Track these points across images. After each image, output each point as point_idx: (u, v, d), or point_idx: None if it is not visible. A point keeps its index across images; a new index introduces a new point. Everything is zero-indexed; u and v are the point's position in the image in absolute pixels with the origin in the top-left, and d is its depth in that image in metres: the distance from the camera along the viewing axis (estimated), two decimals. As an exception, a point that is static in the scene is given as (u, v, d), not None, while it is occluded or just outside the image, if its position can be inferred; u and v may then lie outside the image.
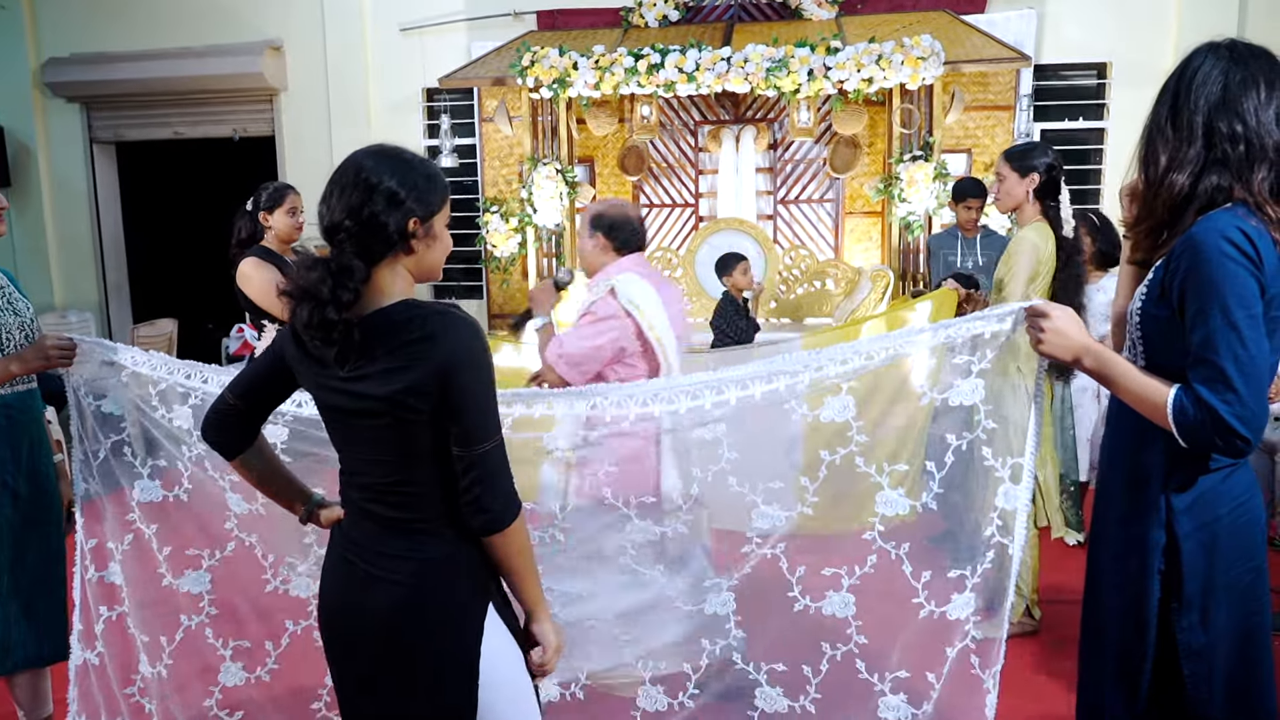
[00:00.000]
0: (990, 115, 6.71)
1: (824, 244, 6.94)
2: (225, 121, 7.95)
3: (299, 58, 7.57)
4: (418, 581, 1.49)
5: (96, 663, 2.38)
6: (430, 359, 1.40)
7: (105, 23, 7.81)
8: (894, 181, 5.97)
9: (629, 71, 5.91)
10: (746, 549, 2.10)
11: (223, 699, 2.34)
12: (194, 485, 2.28)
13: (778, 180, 6.95)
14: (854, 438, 1.95)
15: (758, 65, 5.79)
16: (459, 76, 6.56)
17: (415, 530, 1.50)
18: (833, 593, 2.05)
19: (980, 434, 1.91)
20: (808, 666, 2.10)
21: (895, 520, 1.98)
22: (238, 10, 7.59)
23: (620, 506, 2.14)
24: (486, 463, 1.44)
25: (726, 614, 2.15)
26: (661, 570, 2.18)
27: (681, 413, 1.98)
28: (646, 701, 2.19)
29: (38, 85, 7.99)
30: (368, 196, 1.43)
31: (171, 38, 7.64)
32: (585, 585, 2.21)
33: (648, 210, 7.13)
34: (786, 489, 2.04)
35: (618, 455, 2.16)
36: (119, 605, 2.37)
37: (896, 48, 5.69)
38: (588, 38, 6.59)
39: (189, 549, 2.33)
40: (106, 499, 2.35)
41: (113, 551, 2.35)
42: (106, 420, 2.32)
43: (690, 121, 6.96)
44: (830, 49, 5.76)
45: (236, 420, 1.66)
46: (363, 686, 1.55)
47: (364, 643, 1.53)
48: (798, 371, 1.92)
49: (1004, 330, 1.82)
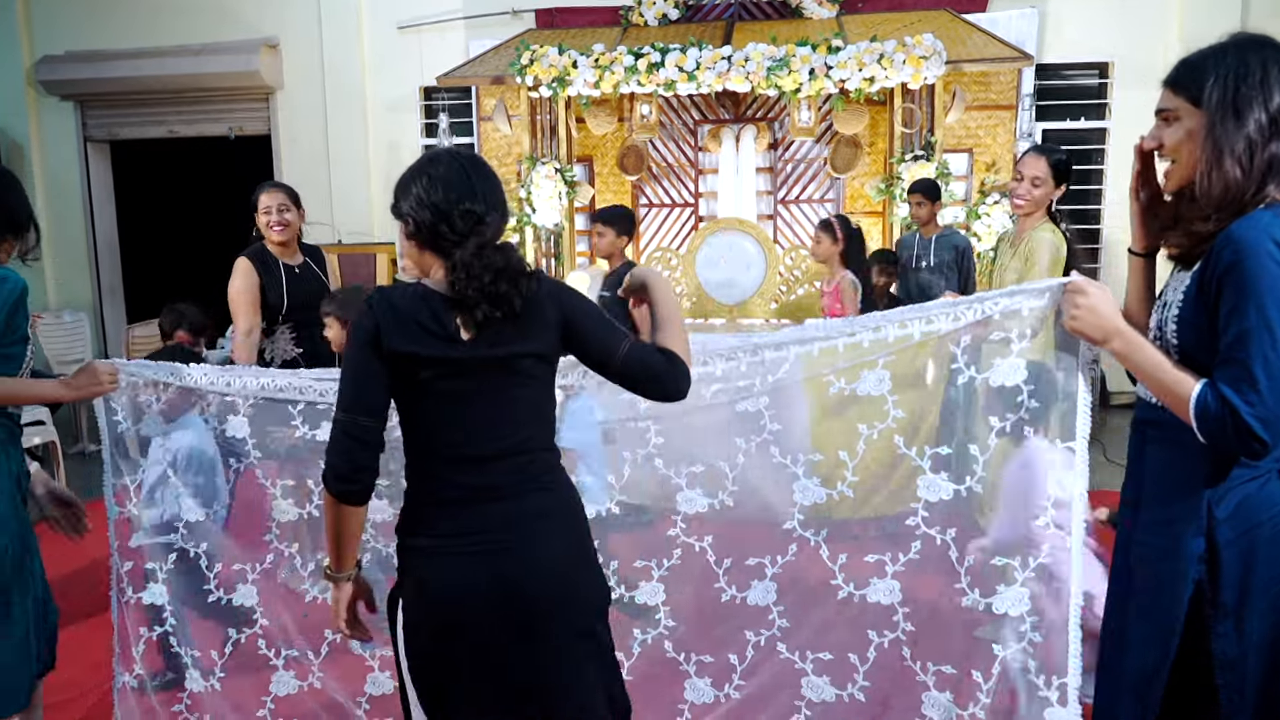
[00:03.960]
0: (992, 115, 6.67)
1: (824, 244, 6.88)
2: (221, 120, 7.89)
3: (295, 56, 7.52)
4: (574, 525, 1.64)
5: (135, 685, 2.41)
6: (549, 311, 1.57)
7: (99, 20, 7.74)
8: (895, 181, 5.93)
9: (629, 70, 5.86)
10: (789, 525, 2.06)
11: (276, 708, 2.36)
12: (238, 499, 2.32)
13: (778, 180, 6.91)
14: (891, 412, 1.93)
15: (759, 64, 5.74)
16: (457, 75, 6.51)
17: (539, 487, 1.60)
18: (877, 580, 2.02)
19: (1024, 415, 1.85)
20: (854, 654, 2.07)
21: (938, 505, 1.94)
22: (234, 8, 7.53)
23: (672, 475, 2.11)
24: (635, 358, 1.59)
25: (768, 604, 2.11)
26: (709, 543, 2.13)
27: (717, 374, 1.99)
28: (693, 694, 2.16)
29: (31, 83, 7.92)
30: (499, 188, 1.62)
31: (167, 35, 7.57)
32: (640, 561, 2.17)
33: (647, 210, 7.09)
34: (826, 460, 2.02)
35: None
36: (159, 626, 2.38)
37: (898, 47, 5.64)
38: (587, 36, 6.54)
39: (235, 564, 2.34)
40: (146, 520, 2.36)
41: (153, 572, 2.36)
42: (144, 443, 2.33)
43: (690, 121, 6.91)
44: (831, 48, 5.71)
45: (377, 444, 1.56)
46: (533, 658, 1.57)
47: (524, 615, 1.56)
48: (833, 337, 1.91)
49: (1042, 306, 1.78)
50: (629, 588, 2.15)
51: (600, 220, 4.55)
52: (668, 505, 2.10)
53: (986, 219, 6.27)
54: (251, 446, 2.24)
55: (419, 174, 1.55)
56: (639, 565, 2.13)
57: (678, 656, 2.16)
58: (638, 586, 2.14)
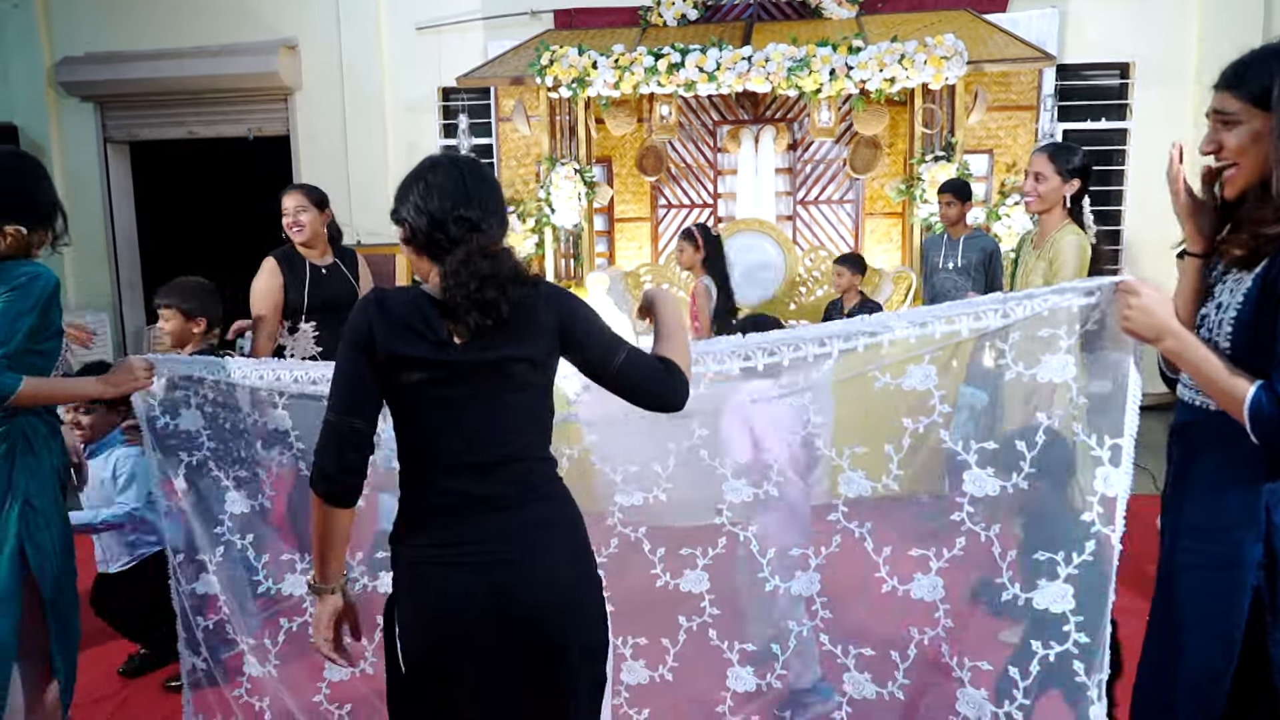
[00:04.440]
0: (1012, 115, 6.64)
1: (844, 245, 6.87)
2: (240, 121, 7.92)
3: (314, 57, 7.54)
4: (565, 537, 1.60)
5: (205, 667, 2.48)
6: (546, 317, 1.56)
7: (119, 21, 7.78)
8: (916, 182, 5.91)
9: (649, 71, 5.86)
10: (833, 517, 2.05)
11: (331, 693, 2.39)
12: (279, 491, 2.33)
13: (797, 181, 6.90)
14: (936, 407, 1.92)
15: (779, 65, 5.73)
16: (476, 76, 6.52)
17: (534, 498, 1.57)
18: (921, 575, 2.01)
19: (1072, 411, 1.85)
20: (895, 651, 2.06)
21: (984, 500, 1.93)
22: (253, 9, 7.56)
23: (716, 466, 2.11)
24: (631, 367, 1.59)
25: (812, 594, 2.11)
26: (754, 533, 2.13)
27: (760, 369, 1.98)
28: (736, 682, 2.15)
29: (52, 84, 7.96)
30: (498, 192, 1.60)
31: (186, 36, 7.60)
32: (686, 549, 2.17)
33: (665, 211, 7.08)
34: (871, 454, 2.01)
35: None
36: (214, 614, 2.43)
37: (919, 47, 5.63)
38: (605, 37, 6.54)
39: (283, 554, 2.38)
40: (191, 514, 2.39)
41: (204, 564, 2.40)
42: (185, 437, 2.33)
43: (709, 122, 6.90)
44: (852, 48, 5.70)
45: (363, 455, 1.55)
46: (532, 672, 1.56)
47: (517, 629, 1.54)
48: (877, 332, 1.90)
49: (1090, 304, 1.78)
50: (674, 575, 2.15)
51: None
52: (713, 496, 2.11)
53: (1007, 220, 6.24)
54: (295, 439, 2.27)
55: (417, 179, 1.55)
56: (684, 554, 2.14)
57: (721, 645, 2.16)
58: (682, 574, 2.15)
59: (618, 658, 2.17)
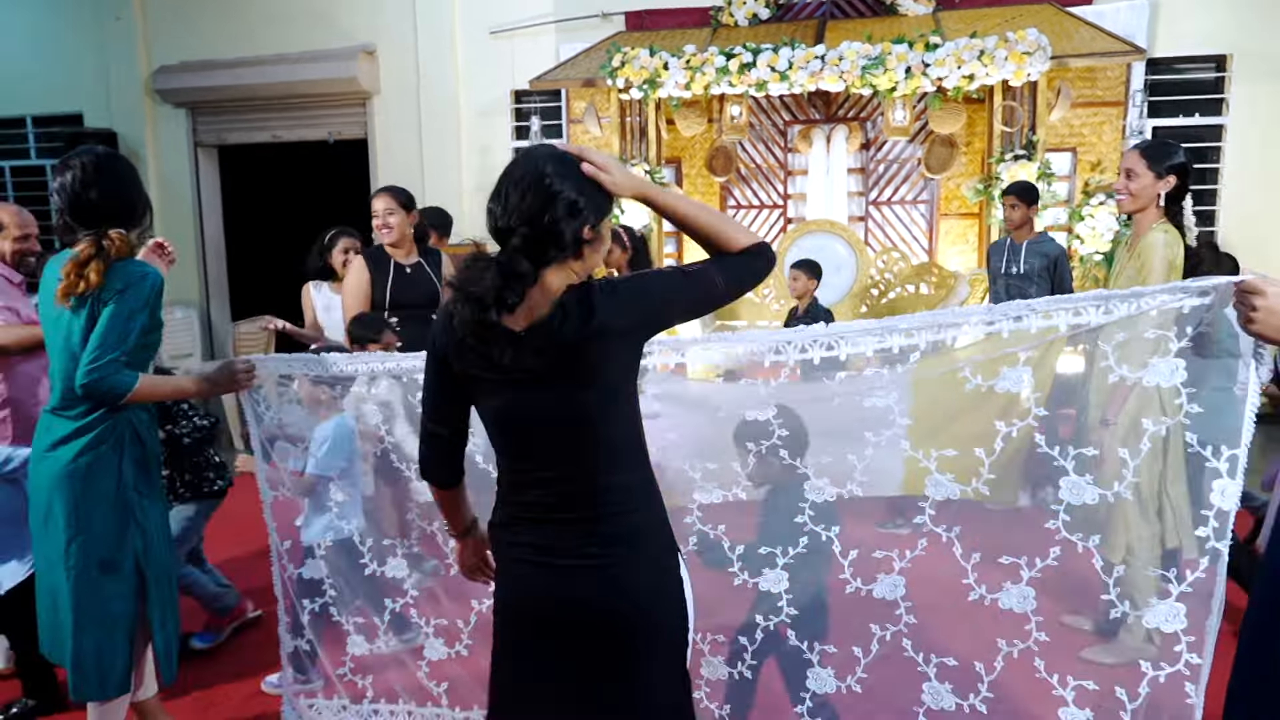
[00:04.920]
0: (1098, 112, 6.40)
1: (917, 247, 6.73)
2: (321, 125, 8.17)
3: (391, 62, 7.73)
4: (628, 552, 1.54)
5: (308, 649, 2.59)
6: (618, 325, 1.48)
7: (210, 31, 8.12)
8: (994, 182, 5.74)
9: (720, 71, 5.83)
10: (919, 520, 1.99)
11: (430, 671, 2.49)
12: (378, 481, 2.44)
13: (869, 181, 6.78)
14: (1031, 410, 1.84)
15: (853, 63, 5.64)
16: (549, 79, 6.59)
17: (608, 513, 1.54)
18: (1011, 585, 1.93)
19: (1183, 418, 1.76)
20: (980, 663, 1.99)
21: (1081, 509, 1.84)
22: (334, 16, 7.79)
23: (798, 466, 2.08)
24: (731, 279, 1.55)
25: (896, 599, 2.05)
26: (836, 533, 2.08)
27: (842, 359, 1.93)
28: (815, 683, 2.12)
29: (148, 92, 8.36)
30: (549, 203, 1.43)
31: (271, 44, 7.89)
32: (765, 548, 2.15)
33: (735, 212, 7.04)
34: (961, 458, 1.94)
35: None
36: (320, 597, 2.54)
37: (1000, 42, 5.47)
38: (676, 38, 6.54)
39: (385, 539, 2.47)
40: (303, 501, 2.53)
41: (312, 549, 2.52)
42: (290, 431, 2.47)
43: (780, 122, 6.84)
44: (929, 45, 5.57)
45: (447, 447, 1.67)
46: (585, 675, 1.56)
47: (587, 627, 1.54)
48: (970, 326, 1.85)
49: (1203, 305, 1.69)
50: (752, 574, 2.13)
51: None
52: (794, 494, 2.07)
53: (1090, 220, 6.02)
54: (385, 432, 2.35)
55: None
56: (764, 551, 2.11)
57: (800, 645, 2.13)
58: (761, 573, 2.12)
59: (696, 653, 2.16)
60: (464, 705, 2.47)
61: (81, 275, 2.17)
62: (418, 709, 2.50)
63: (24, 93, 8.89)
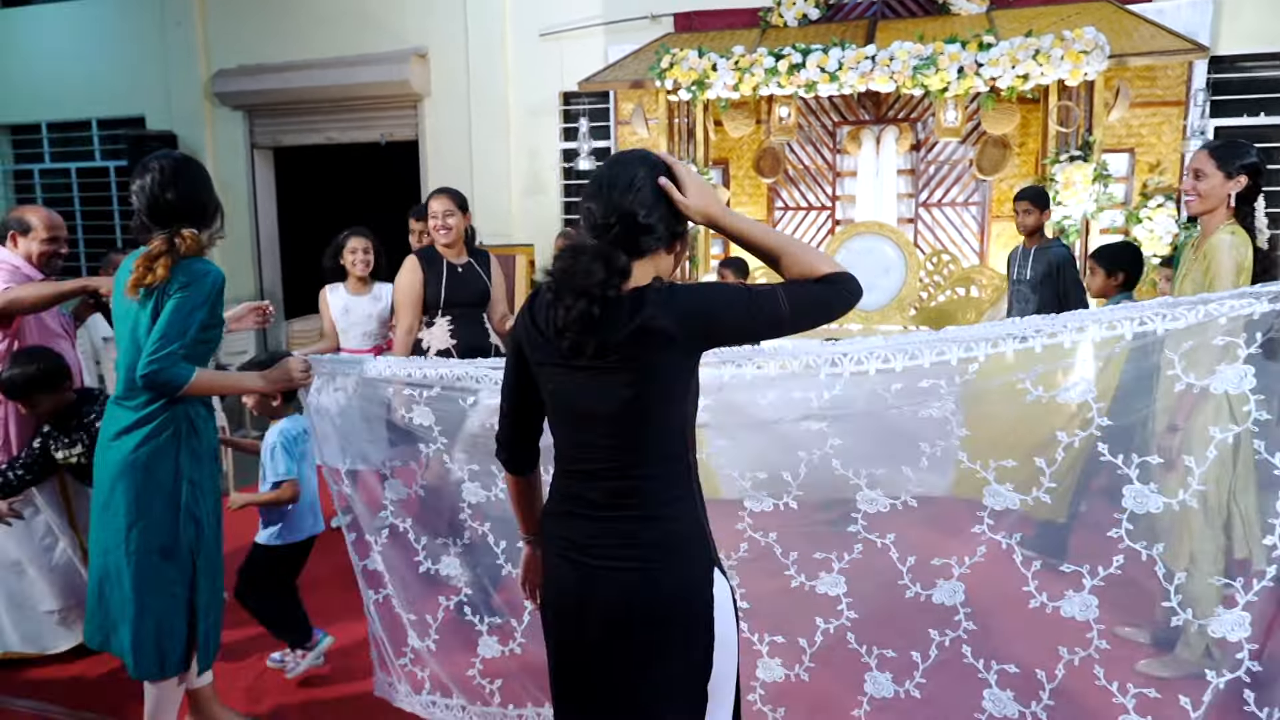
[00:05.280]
0: (1157, 111, 6.25)
1: (968, 249, 6.64)
2: (373, 127, 8.30)
3: (442, 64, 7.83)
4: (659, 557, 1.54)
5: (377, 634, 2.67)
6: (677, 329, 1.47)
7: (267, 34, 8.31)
8: (1048, 184, 5.64)
9: (769, 72, 5.81)
10: (977, 529, 1.98)
11: (483, 669, 2.53)
12: (430, 480, 2.47)
13: (919, 182, 6.70)
14: (1095, 420, 1.82)
15: (904, 63, 5.58)
16: (597, 80, 6.62)
17: (651, 514, 1.55)
18: (1072, 592, 1.91)
19: (1251, 426, 1.73)
20: (1041, 671, 1.97)
21: (1144, 518, 1.82)
22: (387, 20, 7.92)
23: (850, 476, 2.08)
24: (801, 305, 1.51)
25: (955, 604, 2.04)
26: (892, 540, 2.08)
27: (897, 371, 1.91)
28: (873, 687, 2.13)
29: (207, 95, 8.57)
30: (633, 207, 1.49)
31: (326, 48, 8.04)
32: (820, 553, 2.16)
33: (782, 213, 7.01)
34: (1021, 467, 1.93)
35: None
36: (384, 589, 2.61)
37: (1056, 41, 5.37)
38: (725, 38, 6.53)
39: (439, 538, 2.53)
40: (358, 498, 2.58)
41: (371, 544, 2.59)
42: (347, 429, 2.51)
43: (829, 123, 6.79)
44: (983, 44, 5.49)
45: (521, 434, 1.72)
46: (626, 660, 1.58)
47: (609, 628, 1.55)
48: (1029, 335, 1.81)
49: (1275, 310, 1.67)
50: (809, 577, 2.14)
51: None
52: (848, 504, 2.07)
53: (1148, 223, 5.89)
54: (438, 434, 2.39)
55: None
56: (818, 557, 2.12)
57: (859, 649, 2.13)
58: (818, 577, 2.13)
59: (753, 654, 2.18)
60: (517, 703, 2.50)
61: (150, 269, 2.29)
62: (469, 706, 2.54)
63: (89, 97, 9.18)
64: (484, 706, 2.52)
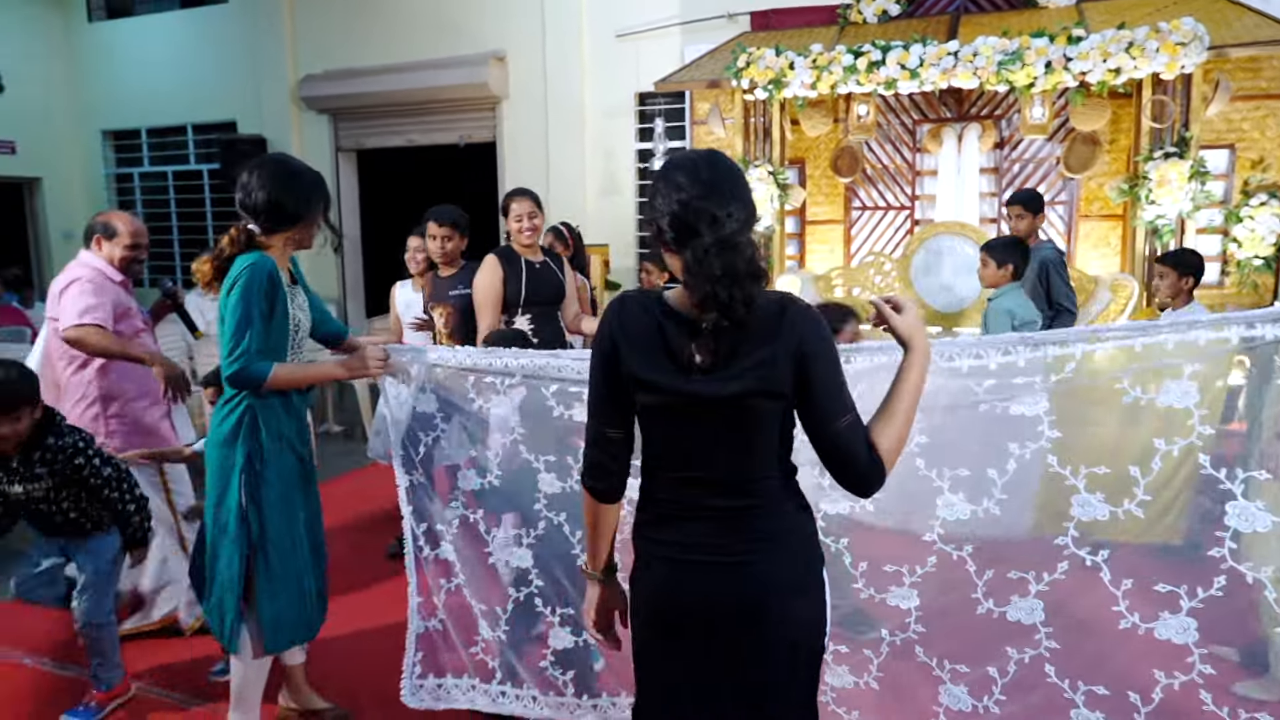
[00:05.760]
0: (1260, 105, 5.95)
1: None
2: (452, 129, 8.48)
3: (520, 66, 7.95)
4: (781, 554, 1.54)
5: (440, 628, 2.66)
6: (788, 345, 1.46)
7: (352, 40, 8.56)
8: (1141, 181, 5.43)
9: (848, 70, 5.73)
10: (1061, 540, 1.90)
11: (554, 659, 2.54)
12: (505, 471, 2.47)
13: (1003, 181, 6.52)
14: (1196, 428, 1.73)
15: (988, 59, 5.44)
16: (673, 80, 6.63)
17: (759, 513, 1.54)
18: (1169, 614, 1.83)
19: None
20: (1136, 694, 1.89)
21: (1251, 537, 1.73)
22: (466, 23, 8.07)
23: (933, 478, 2.03)
24: (848, 440, 1.48)
25: (1034, 622, 1.98)
26: (969, 552, 2.02)
27: (993, 368, 1.86)
28: (949, 699, 2.08)
29: (295, 99, 8.87)
30: (751, 206, 1.53)
31: (407, 52, 8.24)
32: (890, 566, 2.11)
33: (860, 213, 6.91)
34: (1113, 476, 1.85)
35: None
36: (455, 578, 2.63)
37: (1151, 33, 5.16)
38: (803, 36, 6.46)
39: (511, 529, 2.53)
40: (431, 487, 2.61)
41: (442, 533, 2.60)
42: (423, 419, 2.56)
43: (908, 121, 6.66)
44: (1072, 38, 5.31)
45: (620, 450, 1.62)
46: (728, 667, 1.57)
47: (726, 628, 1.55)
48: (1129, 336, 1.75)
49: None
50: (879, 590, 2.09)
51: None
52: (926, 508, 2.02)
53: (1249, 222, 5.61)
54: (516, 424, 2.41)
55: (659, 178, 1.55)
56: (889, 570, 2.07)
57: (929, 661, 2.08)
58: (888, 590, 2.08)
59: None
60: (590, 694, 2.52)
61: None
62: (541, 695, 2.56)
63: (185, 103, 9.61)
64: (557, 697, 2.53)
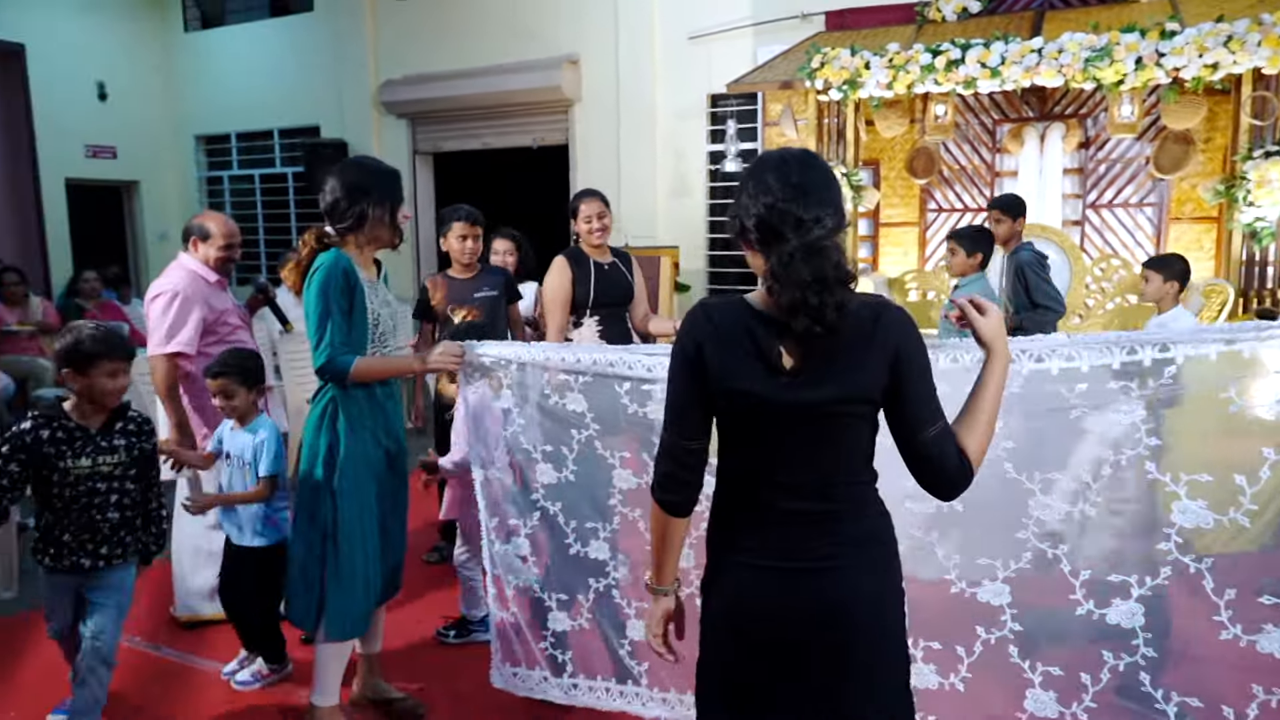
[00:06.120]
0: (1371, 102, 5.61)
1: (1141, 253, 6.18)
2: (526, 132, 8.59)
3: (593, 69, 8.01)
4: (870, 557, 1.53)
5: (512, 620, 2.71)
6: (884, 351, 1.45)
7: (430, 45, 8.75)
8: (1239, 182, 5.17)
9: (925, 69, 5.61)
10: (1164, 546, 1.84)
11: (631, 650, 2.56)
12: (581, 466, 2.50)
13: (1088, 182, 6.30)
14: None
15: (1075, 55, 5.26)
16: (746, 82, 6.59)
17: (843, 517, 1.52)
18: (1271, 627, 1.75)
19: None
20: (1229, 709, 1.82)
21: None
22: (540, 28, 8.17)
23: (1023, 480, 1.98)
24: (938, 447, 1.47)
25: (1134, 627, 1.91)
26: (1064, 552, 1.96)
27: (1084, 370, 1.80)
28: (1034, 705, 2.02)
29: (375, 104, 9.11)
30: (841, 205, 1.51)
31: (483, 56, 8.39)
32: (984, 559, 2.05)
33: (936, 215, 6.76)
34: (1218, 484, 1.78)
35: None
36: (525, 573, 2.68)
37: (1252, 26, 4.92)
38: (879, 36, 6.36)
39: (588, 522, 2.56)
40: (509, 481, 2.66)
41: (518, 527, 2.65)
42: (501, 413, 2.60)
43: (988, 121, 6.49)
44: (1165, 32, 5.10)
45: (698, 463, 1.57)
46: (812, 672, 1.54)
47: (810, 633, 1.52)
48: (1238, 339, 1.68)
49: None
50: (970, 584, 2.04)
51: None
52: (1018, 509, 1.96)
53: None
54: (590, 420, 2.43)
55: (748, 177, 1.52)
56: (982, 563, 2.01)
57: (1021, 663, 2.02)
58: (980, 584, 2.03)
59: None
60: (661, 687, 2.53)
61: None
62: (616, 686, 2.58)
63: (271, 109, 9.96)
64: (634, 686, 2.56)
